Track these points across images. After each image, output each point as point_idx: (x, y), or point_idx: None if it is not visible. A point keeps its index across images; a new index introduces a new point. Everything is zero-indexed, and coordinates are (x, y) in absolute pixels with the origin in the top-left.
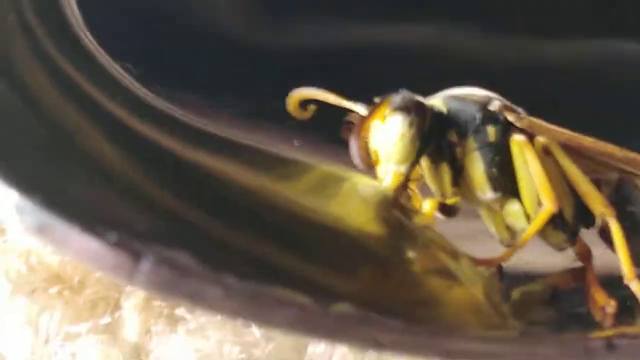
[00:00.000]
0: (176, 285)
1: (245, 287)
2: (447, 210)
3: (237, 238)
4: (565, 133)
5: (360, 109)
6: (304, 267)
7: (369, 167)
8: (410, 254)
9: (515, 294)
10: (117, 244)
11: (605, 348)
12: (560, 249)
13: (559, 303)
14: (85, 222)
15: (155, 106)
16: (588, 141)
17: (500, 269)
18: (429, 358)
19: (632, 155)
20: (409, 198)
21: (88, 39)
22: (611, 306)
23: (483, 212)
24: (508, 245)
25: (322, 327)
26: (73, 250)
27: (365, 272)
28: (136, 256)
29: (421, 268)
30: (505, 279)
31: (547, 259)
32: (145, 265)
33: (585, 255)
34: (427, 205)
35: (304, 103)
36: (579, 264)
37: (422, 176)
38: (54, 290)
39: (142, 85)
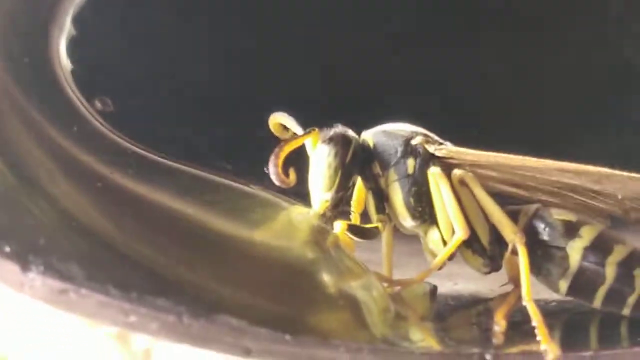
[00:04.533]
0: (61, 294)
1: (125, 296)
2: (360, 232)
3: (136, 251)
4: (484, 155)
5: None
6: (195, 280)
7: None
8: (323, 275)
9: (449, 314)
10: (8, 255)
11: None
12: (484, 272)
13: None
14: None
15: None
16: (503, 158)
17: (434, 290)
18: None
19: (551, 164)
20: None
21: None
22: (500, 325)
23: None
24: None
25: (195, 335)
26: None
27: (261, 287)
28: (25, 266)
29: (327, 287)
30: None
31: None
32: (33, 275)
33: (516, 279)
34: (338, 227)
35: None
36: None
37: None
38: None
39: None
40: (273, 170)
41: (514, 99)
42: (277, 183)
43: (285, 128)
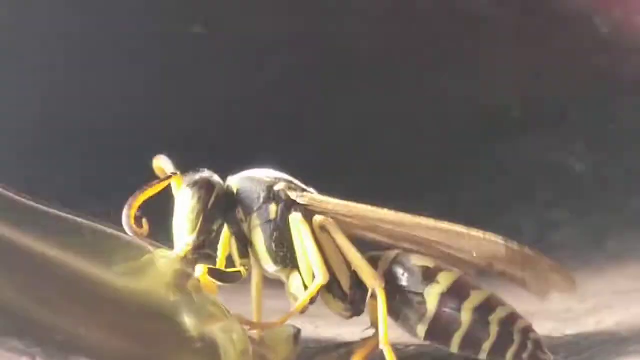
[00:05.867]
0: None
1: None
2: (221, 276)
3: None
4: (343, 205)
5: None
6: (51, 321)
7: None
8: (183, 318)
9: (311, 357)
10: None
11: None
12: (346, 317)
13: None
14: None
15: None
16: (363, 209)
17: (297, 333)
18: None
19: (407, 219)
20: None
21: None
22: None
23: None
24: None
25: None
26: None
27: (118, 329)
28: None
29: (186, 331)
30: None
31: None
32: None
33: (378, 323)
34: (199, 271)
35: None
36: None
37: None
38: None
39: None
40: (125, 221)
41: (389, 143)
42: (129, 233)
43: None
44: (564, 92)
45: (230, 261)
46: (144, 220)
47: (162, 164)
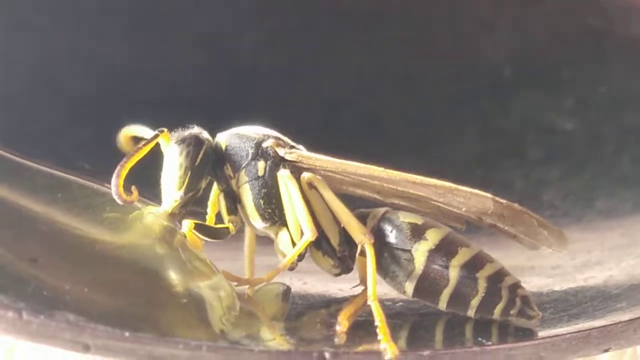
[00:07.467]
0: None
1: None
2: (208, 232)
3: None
4: (331, 161)
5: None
6: (37, 276)
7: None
8: (169, 273)
9: (300, 314)
10: None
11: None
12: (334, 274)
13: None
14: None
15: None
16: (352, 166)
17: (287, 290)
18: None
19: (397, 175)
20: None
21: None
22: (341, 325)
23: None
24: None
25: (34, 331)
26: None
27: (104, 284)
28: None
29: (172, 286)
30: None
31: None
32: None
33: (366, 280)
34: (186, 226)
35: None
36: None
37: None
38: None
39: None
40: (114, 190)
41: (380, 101)
42: (118, 202)
43: (138, 141)
44: (556, 51)
45: (220, 219)
46: (133, 188)
47: (133, 132)
